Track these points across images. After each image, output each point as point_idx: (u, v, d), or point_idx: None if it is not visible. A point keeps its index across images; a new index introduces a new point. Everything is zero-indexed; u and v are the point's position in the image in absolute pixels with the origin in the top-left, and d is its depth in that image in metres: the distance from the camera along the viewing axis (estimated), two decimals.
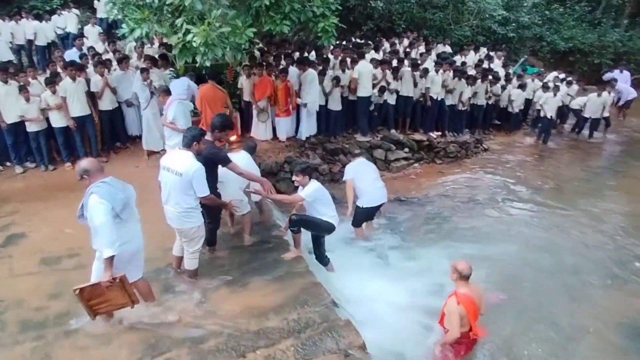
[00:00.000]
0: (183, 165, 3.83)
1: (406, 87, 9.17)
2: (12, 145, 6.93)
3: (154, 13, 6.17)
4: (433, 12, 13.98)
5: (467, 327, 3.91)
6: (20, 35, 10.47)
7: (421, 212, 7.42)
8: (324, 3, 6.50)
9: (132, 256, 3.56)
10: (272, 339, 3.69)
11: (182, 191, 3.90)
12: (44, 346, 3.61)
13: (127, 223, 3.43)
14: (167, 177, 3.95)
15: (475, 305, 3.93)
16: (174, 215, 4.02)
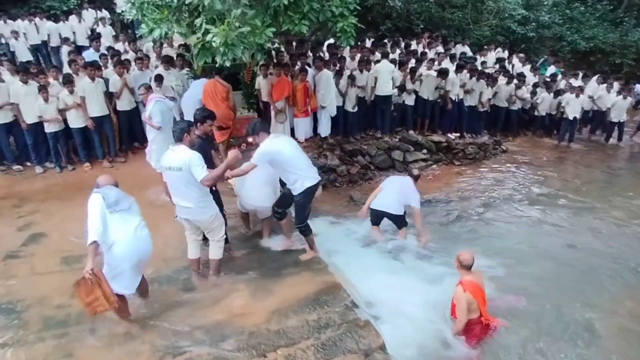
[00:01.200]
0: (180, 159, 3.88)
1: (427, 90, 9.07)
2: (32, 145, 7.05)
3: (172, 13, 6.20)
4: (452, 11, 13.84)
5: (477, 312, 4.09)
6: (34, 36, 10.64)
7: (439, 214, 7.32)
8: (342, 3, 6.45)
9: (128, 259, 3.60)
10: (292, 338, 3.67)
11: (189, 184, 3.94)
12: (66, 344, 3.63)
13: (124, 216, 3.58)
14: (171, 176, 4.01)
15: (482, 290, 4.13)
16: (189, 210, 4.08)
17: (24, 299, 4.18)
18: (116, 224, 3.53)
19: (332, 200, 7.63)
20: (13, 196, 6.42)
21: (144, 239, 3.69)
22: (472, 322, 4.11)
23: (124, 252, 3.54)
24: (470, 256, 4.16)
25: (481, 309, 4.11)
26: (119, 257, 3.54)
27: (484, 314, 4.14)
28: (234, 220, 5.48)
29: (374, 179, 8.45)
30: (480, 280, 4.22)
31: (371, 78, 8.43)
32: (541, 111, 11.05)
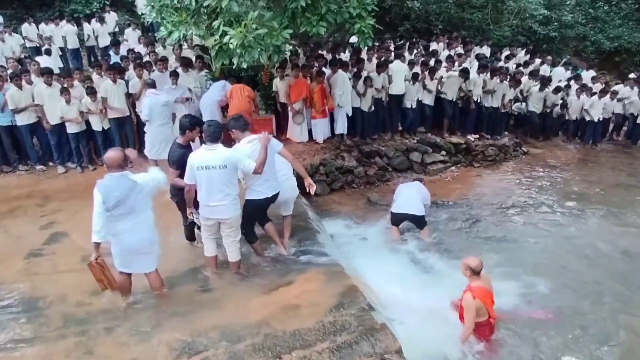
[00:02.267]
0: (223, 157, 4.02)
1: (450, 91, 8.99)
2: (55, 145, 7.22)
3: (191, 15, 6.28)
4: (471, 12, 13.63)
5: (485, 315, 4.14)
6: (59, 40, 10.87)
7: (458, 216, 7.20)
8: (360, 4, 6.43)
9: (133, 250, 3.83)
10: (307, 341, 3.64)
11: (229, 181, 4.11)
12: (86, 341, 3.69)
13: (121, 219, 3.69)
14: (208, 175, 4.03)
15: (490, 294, 4.19)
16: (224, 207, 4.16)
17: (46, 296, 4.27)
18: (117, 222, 3.70)
19: (349, 202, 7.60)
20: (36, 195, 6.58)
21: (141, 233, 3.81)
22: (480, 324, 4.16)
23: (119, 245, 3.82)
24: (480, 261, 4.16)
25: (489, 311, 4.15)
26: (119, 249, 3.84)
27: (492, 314, 4.20)
28: None
29: (391, 181, 8.39)
30: (489, 283, 4.25)
31: (386, 78, 8.40)
32: (571, 115, 10.73)
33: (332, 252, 5.09)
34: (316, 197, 7.44)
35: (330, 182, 7.79)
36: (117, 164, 3.66)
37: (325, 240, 5.40)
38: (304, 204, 6.34)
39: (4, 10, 12.09)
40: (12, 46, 9.84)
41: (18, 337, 3.76)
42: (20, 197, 6.55)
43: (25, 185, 6.95)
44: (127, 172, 3.73)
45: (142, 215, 3.80)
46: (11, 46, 9.80)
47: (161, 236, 5.08)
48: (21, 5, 12.84)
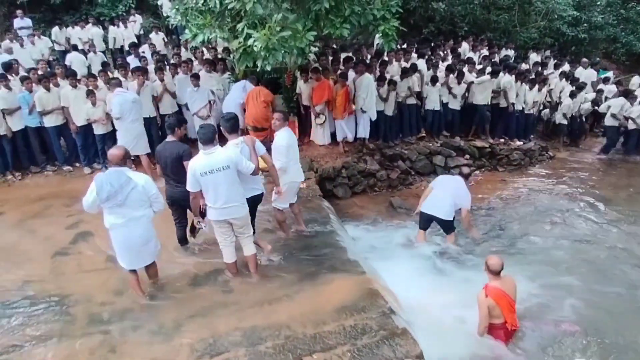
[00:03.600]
0: (225, 158, 4.04)
1: (484, 96, 8.84)
2: (81, 147, 7.39)
3: (215, 18, 6.34)
4: (497, 13, 13.34)
5: (500, 318, 4.12)
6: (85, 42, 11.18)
7: (481, 221, 7.04)
8: (384, 6, 6.37)
9: (126, 246, 3.95)
10: (328, 343, 3.61)
11: (236, 181, 4.13)
12: (110, 340, 3.74)
13: (114, 212, 3.83)
14: (215, 179, 4.03)
15: (507, 297, 4.12)
16: (233, 208, 4.17)
17: (71, 294, 4.35)
18: (110, 214, 3.87)
19: (371, 206, 7.53)
20: (63, 195, 6.73)
21: (135, 229, 3.89)
22: (495, 326, 4.17)
23: (114, 239, 3.98)
24: (499, 261, 4.17)
25: (506, 315, 4.12)
26: (113, 242, 4.00)
27: (510, 320, 4.15)
28: (272, 224, 5.51)
29: (414, 185, 8.28)
30: (509, 286, 4.20)
31: (415, 81, 8.35)
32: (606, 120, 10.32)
33: (354, 256, 5.03)
34: (338, 200, 7.42)
35: (353, 186, 7.73)
36: (117, 160, 3.83)
37: (346, 244, 5.34)
38: (326, 206, 6.30)
39: (33, 14, 12.48)
40: (41, 49, 10.14)
41: (45, 334, 3.84)
42: (48, 197, 6.72)
43: (52, 186, 7.13)
44: (125, 168, 3.86)
45: (136, 213, 3.88)
46: (40, 49, 10.11)
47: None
48: (49, 9, 13.23)
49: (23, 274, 4.75)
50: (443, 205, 5.74)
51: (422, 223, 5.97)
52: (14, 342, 3.75)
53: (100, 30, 11.36)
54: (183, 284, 4.49)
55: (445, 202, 5.74)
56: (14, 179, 7.18)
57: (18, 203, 6.56)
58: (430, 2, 12.40)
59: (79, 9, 13.41)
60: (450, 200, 5.74)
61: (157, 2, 12.43)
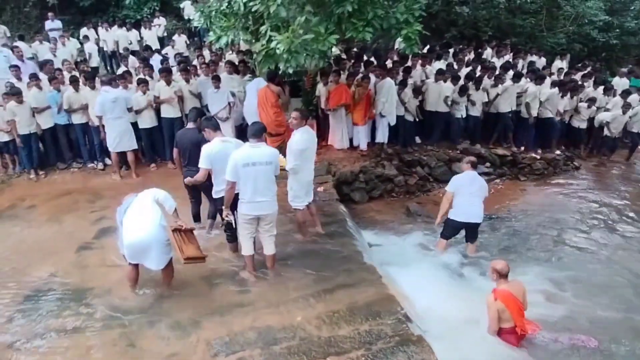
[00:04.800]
0: (268, 154, 4.25)
1: (509, 103, 8.72)
2: (97, 144, 7.57)
3: (239, 20, 6.42)
4: (523, 17, 13.09)
5: (510, 322, 4.11)
6: (111, 43, 11.48)
7: (501, 230, 6.92)
8: (407, 10, 6.34)
9: (134, 249, 4.05)
10: (342, 347, 3.63)
11: (272, 177, 4.31)
12: (129, 334, 3.84)
13: (125, 226, 4.06)
14: (255, 171, 4.16)
15: (517, 300, 4.13)
16: (267, 203, 4.31)
17: (93, 287, 4.49)
18: (125, 225, 4.08)
19: (388, 211, 7.49)
20: (87, 192, 6.94)
21: (142, 233, 3.99)
22: (505, 330, 4.15)
23: (126, 244, 4.08)
24: (505, 264, 4.24)
25: (516, 319, 4.11)
26: (125, 247, 4.11)
27: (519, 325, 4.13)
28: (290, 226, 5.54)
29: (432, 191, 8.19)
30: (518, 290, 4.22)
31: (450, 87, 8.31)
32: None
33: (370, 260, 5.03)
34: (355, 205, 7.41)
35: (370, 190, 7.71)
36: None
37: (362, 248, 5.34)
38: (343, 210, 6.31)
39: (63, 16, 12.90)
40: (70, 50, 10.46)
41: (68, 325, 3.98)
42: (74, 193, 6.94)
43: (77, 182, 7.35)
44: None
45: (140, 216, 4.03)
46: (70, 50, 10.43)
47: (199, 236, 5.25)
48: (78, 12, 13.65)
49: (49, 266, 4.93)
50: (478, 210, 5.61)
51: (450, 232, 5.79)
52: (40, 331, 3.90)
53: (125, 32, 11.65)
54: (201, 282, 4.56)
55: (479, 205, 5.61)
56: (37, 176, 7.41)
57: (46, 198, 6.80)
58: (454, 6, 12.27)
59: (107, 12, 13.80)
60: (480, 201, 5.63)
61: (180, 5, 12.68)
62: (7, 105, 6.97)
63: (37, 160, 7.47)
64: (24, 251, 5.32)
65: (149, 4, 13.75)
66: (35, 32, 12.58)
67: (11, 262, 5.08)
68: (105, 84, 7.11)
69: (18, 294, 4.45)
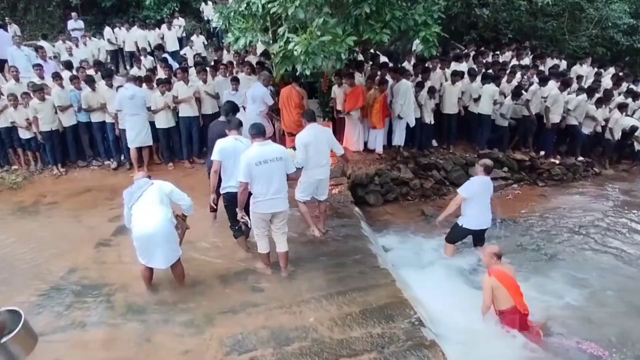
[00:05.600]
0: (278, 150, 4.35)
1: (534, 107, 8.55)
2: (112, 141, 7.75)
3: (257, 22, 6.46)
4: (545, 20, 12.84)
5: (510, 302, 4.18)
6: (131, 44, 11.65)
7: (517, 236, 6.79)
8: (426, 11, 6.31)
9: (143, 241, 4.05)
10: (354, 350, 3.63)
11: (284, 174, 4.36)
12: (145, 329, 3.92)
13: (136, 214, 4.06)
14: (268, 168, 4.22)
15: (512, 279, 4.26)
16: (281, 200, 4.38)
17: (111, 283, 4.58)
18: (135, 214, 4.08)
19: (403, 214, 7.44)
20: (106, 189, 7.08)
21: (152, 224, 4.00)
22: (508, 312, 4.21)
23: (135, 235, 4.08)
24: (498, 247, 4.45)
25: (514, 297, 4.18)
26: (134, 238, 4.11)
27: (519, 304, 4.19)
28: (302, 227, 5.57)
29: (447, 195, 8.06)
30: (511, 270, 4.40)
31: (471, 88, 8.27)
32: None
33: (384, 264, 5.02)
34: (369, 207, 7.39)
35: (385, 193, 7.67)
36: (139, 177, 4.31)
37: (376, 251, 5.33)
38: (357, 213, 6.30)
39: (85, 16, 13.18)
40: (92, 49, 10.69)
41: (87, 319, 4.08)
42: (93, 190, 7.10)
43: (97, 179, 7.51)
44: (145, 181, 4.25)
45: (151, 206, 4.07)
46: (91, 49, 10.65)
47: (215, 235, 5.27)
48: (100, 12, 13.93)
49: (68, 262, 5.06)
50: (489, 217, 5.50)
51: (458, 237, 5.69)
52: (60, 325, 4.00)
53: (144, 33, 11.84)
54: (215, 280, 4.61)
55: (489, 211, 5.50)
56: (60, 173, 7.60)
57: (66, 195, 6.97)
58: (474, 8, 12.12)
59: (127, 12, 14.05)
60: (490, 206, 5.49)
61: (201, 7, 12.83)
62: (30, 102, 7.17)
63: (59, 157, 7.64)
64: (44, 246, 5.46)
65: (168, 4, 13.95)
66: (58, 31, 12.90)
67: (32, 256, 5.23)
68: (130, 80, 7.33)
69: (39, 287, 4.57)
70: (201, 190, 6.31)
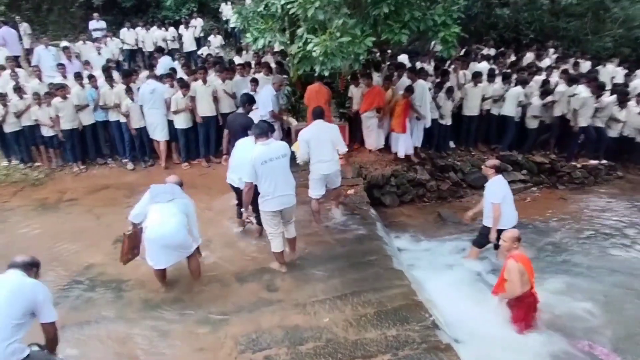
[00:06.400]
0: (282, 147, 4.43)
1: (560, 108, 8.38)
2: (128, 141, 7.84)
3: (276, 22, 6.48)
4: (567, 20, 12.56)
5: (528, 285, 4.20)
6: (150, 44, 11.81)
7: (535, 240, 6.62)
8: (445, 12, 6.24)
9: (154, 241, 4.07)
10: (369, 351, 3.62)
11: (289, 171, 4.46)
12: (161, 325, 3.97)
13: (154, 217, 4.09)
14: (273, 167, 4.30)
15: (531, 263, 4.28)
16: (289, 197, 4.46)
17: (128, 280, 4.65)
18: (152, 213, 4.11)
19: (419, 216, 7.37)
20: (124, 187, 7.18)
21: (169, 227, 4.04)
22: (525, 295, 4.20)
23: (149, 235, 4.09)
24: (517, 231, 4.42)
25: (532, 281, 4.23)
26: (147, 238, 4.13)
27: (534, 286, 4.28)
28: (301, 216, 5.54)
29: (465, 197, 8.00)
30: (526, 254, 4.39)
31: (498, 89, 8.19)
32: None
33: (399, 265, 4.98)
34: (385, 209, 7.34)
35: (401, 194, 7.60)
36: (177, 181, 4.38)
37: (392, 252, 5.29)
38: (373, 214, 6.26)
39: (106, 16, 13.43)
40: (112, 49, 10.87)
41: (105, 314, 4.16)
42: (111, 188, 7.21)
43: (114, 177, 7.62)
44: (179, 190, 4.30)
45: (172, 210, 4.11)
46: (111, 49, 10.84)
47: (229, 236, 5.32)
48: (120, 12, 14.17)
49: (88, 257, 5.17)
50: (516, 212, 5.39)
51: (487, 240, 5.53)
52: (79, 319, 4.09)
53: (163, 33, 12.00)
54: (231, 278, 4.64)
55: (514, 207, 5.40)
56: (79, 170, 7.75)
57: (85, 192, 7.10)
58: (494, 8, 11.95)
59: (147, 12, 14.27)
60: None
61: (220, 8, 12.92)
62: (53, 101, 7.33)
63: (79, 155, 7.80)
64: (64, 242, 5.57)
65: (187, 5, 14.12)
66: (79, 32, 13.16)
67: (52, 252, 5.33)
68: (151, 77, 7.74)
69: (59, 283, 4.67)
70: (218, 189, 6.39)
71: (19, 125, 7.57)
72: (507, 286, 4.25)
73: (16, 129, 7.59)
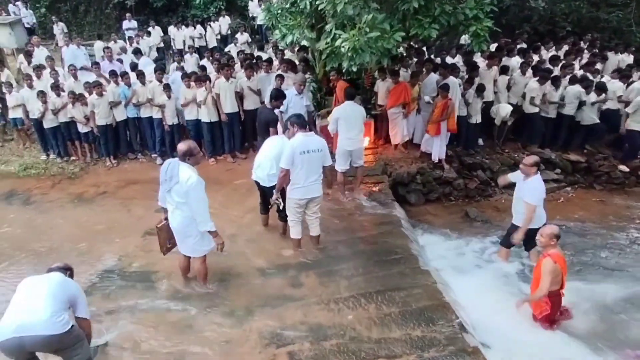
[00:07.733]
0: (319, 143, 4.61)
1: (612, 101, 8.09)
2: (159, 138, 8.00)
3: (304, 19, 6.47)
4: (609, 10, 11.89)
5: (559, 284, 4.18)
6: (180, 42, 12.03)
7: (568, 242, 6.38)
8: (477, 5, 6.06)
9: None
10: (393, 351, 3.59)
11: (320, 165, 4.69)
12: (188, 316, 4.06)
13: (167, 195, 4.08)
14: (310, 158, 4.53)
15: (566, 263, 4.27)
16: (317, 186, 4.71)
17: (157, 271, 4.77)
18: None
19: (445, 214, 7.24)
20: (153, 181, 7.24)
21: (174, 220, 4.10)
22: (554, 293, 4.17)
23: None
24: (557, 227, 4.27)
25: (564, 281, 4.22)
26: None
27: (564, 285, 4.25)
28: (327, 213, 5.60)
29: (493, 197, 7.76)
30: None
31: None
32: None
33: (424, 264, 4.91)
34: (410, 207, 7.23)
35: (427, 193, 7.48)
36: (179, 154, 4.01)
37: (417, 251, 5.21)
38: (398, 212, 6.18)
39: (138, 16, 13.80)
40: (143, 48, 11.13)
41: (134, 303, 4.28)
42: (141, 182, 7.39)
43: (145, 172, 7.80)
44: (184, 164, 3.95)
45: (174, 206, 4.05)
46: (143, 48, 11.10)
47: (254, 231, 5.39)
48: (151, 12, 14.53)
49: (118, 249, 5.34)
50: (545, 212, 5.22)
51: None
52: (110, 307, 4.22)
53: (191, 31, 12.22)
54: (255, 273, 4.70)
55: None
56: (112, 164, 8.02)
57: (117, 186, 7.33)
58: (528, 0, 11.51)
59: (177, 12, 14.57)
60: None
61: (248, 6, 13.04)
62: (89, 98, 7.61)
63: (112, 150, 8.05)
64: (96, 233, 5.79)
65: (215, 3, 14.35)
66: (113, 31, 13.56)
67: (86, 243, 5.57)
68: (178, 69, 8.30)
69: (91, 272, 4.84)
70: (243, 186, 6.46)
71: (56, 122, 7.90)
72: (541, 284, 4.15)
73: (54, 125, 7.93)
